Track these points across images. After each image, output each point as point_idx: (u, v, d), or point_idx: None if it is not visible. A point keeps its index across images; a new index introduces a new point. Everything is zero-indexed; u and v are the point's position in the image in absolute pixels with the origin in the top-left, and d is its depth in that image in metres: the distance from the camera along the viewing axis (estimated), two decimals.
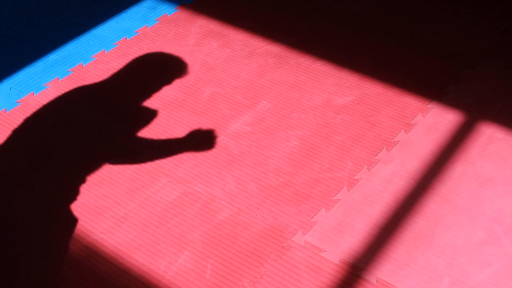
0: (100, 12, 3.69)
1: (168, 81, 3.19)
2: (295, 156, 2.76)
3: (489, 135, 2.77)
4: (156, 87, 3.16)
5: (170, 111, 3.01)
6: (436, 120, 2.85)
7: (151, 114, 3.02)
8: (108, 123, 2.99)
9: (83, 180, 2.73)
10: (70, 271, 2.40)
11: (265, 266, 2.36)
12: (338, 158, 2.73)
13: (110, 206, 2.61)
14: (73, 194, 2.68)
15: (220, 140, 2.86)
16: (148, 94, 3.13)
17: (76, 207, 2.62)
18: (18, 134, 2.97)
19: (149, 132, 2.92)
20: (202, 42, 3.40)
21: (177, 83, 3.17)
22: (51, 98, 3.13)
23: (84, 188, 2.69)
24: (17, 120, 3.03)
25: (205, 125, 2.93)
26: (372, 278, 2.30)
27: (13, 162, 2.85)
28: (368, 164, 2.69)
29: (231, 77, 3.17)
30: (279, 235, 2.46)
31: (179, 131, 2.91)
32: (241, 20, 3.53)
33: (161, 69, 3.27)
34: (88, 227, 2.54)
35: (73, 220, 2.57)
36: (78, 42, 3.49)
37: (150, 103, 3.08)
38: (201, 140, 2.86)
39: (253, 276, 2.33)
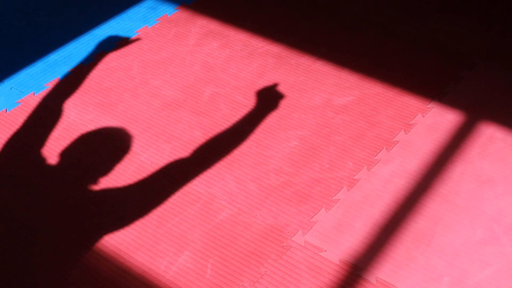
0: (100, 12, 3.69)
1: (168, 81, 3.19)
2: (295, 156, 2.76)
3: (488, 135, 2.77)
4: (156, 87, 3.16)
5: (170, 111, 3.02)
6: (436, 120, 2.85)
7: (152, 114, 3.02)
8: (108, 123, 2.99)
9: (83, 180, 2.73)
10: (70, 271, 2.40)
11: (265, 266, 2.36)
12: (338, 158, 2.73)
13: (110, 206, 2.62)
14: (73, 194, 2.68)
15: (220, 140, 2.86)
16: (148, 94, 3.13)
17: (76, 207, 2.62)
18: (18, 134, 2.97)
19: (149, 132, 2.93)
20: (202, 42, 3.40)
21: (177, 83, 3.17)
22: (51, 98, 3.14)
23: (84, 188, 2.70)
24: (18, 120, 3.03)
25: (205, 125, 2.93)
26: (372, 278, 2.30)
27: (13, 162, 2.85)
28: (368, 164, 2.69)
29: (231, 77, 3.17)
30: (279, 235, 2.46)
31: (179, 131, 2.91)
32: (241, 20, 3.54)
33: (161, 69, 3.27)
34: (88, 227, 2.54)
35: (73, 220, 2.57)
36: (78, 42, 3.49)
37: (150, 103, 3.08)
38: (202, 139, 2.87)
39: (253, 276, 2.34)
